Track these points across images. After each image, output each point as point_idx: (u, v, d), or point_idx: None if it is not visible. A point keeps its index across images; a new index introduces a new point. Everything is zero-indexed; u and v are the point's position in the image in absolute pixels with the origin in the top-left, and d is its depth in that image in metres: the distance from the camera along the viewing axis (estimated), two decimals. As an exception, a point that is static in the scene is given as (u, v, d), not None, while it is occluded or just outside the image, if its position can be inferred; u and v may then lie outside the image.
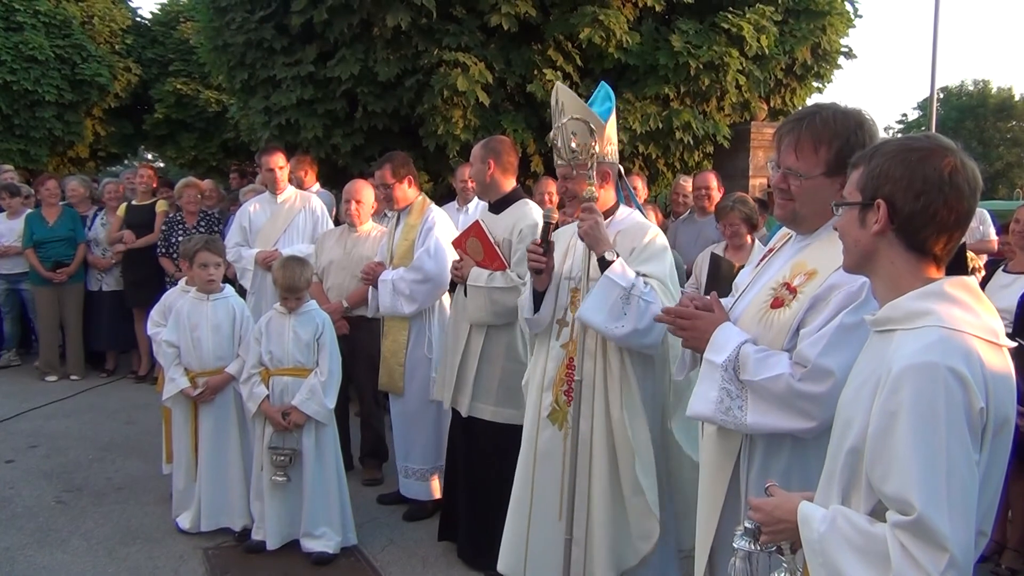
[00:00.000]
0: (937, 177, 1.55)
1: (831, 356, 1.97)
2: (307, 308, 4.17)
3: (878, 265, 1.64)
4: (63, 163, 16.94)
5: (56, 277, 7.65)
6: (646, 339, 2.89)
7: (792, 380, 2.01)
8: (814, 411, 2.00)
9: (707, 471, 2.35)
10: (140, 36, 17.38)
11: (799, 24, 7.90)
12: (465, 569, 4.01)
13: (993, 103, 35.03)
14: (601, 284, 2.93)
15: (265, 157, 5.84)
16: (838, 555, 1.51)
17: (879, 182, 1.59)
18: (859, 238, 1.65)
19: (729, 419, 2.11)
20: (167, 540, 4.28)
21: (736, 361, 2.11)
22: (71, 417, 6.57)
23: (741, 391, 2.10)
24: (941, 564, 1.38)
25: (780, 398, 2.03)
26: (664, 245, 3.10)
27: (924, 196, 1.55)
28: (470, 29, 7.05)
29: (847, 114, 2.15)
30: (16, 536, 4.30)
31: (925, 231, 1.57)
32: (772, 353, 2.09)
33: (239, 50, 7.69)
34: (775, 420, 2.06)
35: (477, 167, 4.07)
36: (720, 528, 2.26)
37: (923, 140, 1.63)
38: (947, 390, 1.43)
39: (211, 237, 4.92)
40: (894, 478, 1.44)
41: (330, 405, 4.07)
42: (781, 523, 1.67)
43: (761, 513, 1.71)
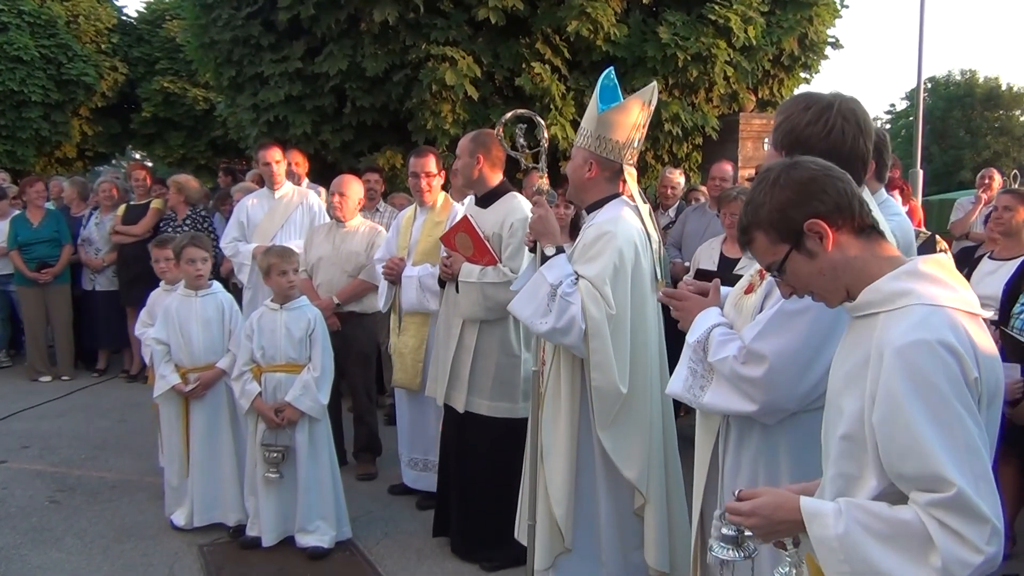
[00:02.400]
0: (811, 176, 1.63)
1: (765, 341, 2.02)
2: (298, 304, 4.16)
3: (849, 271, 1.64)
4: (50, 163, 16.86)
5: (40, 278, 7.63)
6: (565, 338, 2.90)
7: (735, 363, 2.06)
8: (754, 394, 2.04)
9: (698, 455, 2.39)
10: (126, 35, 17.30)
11: (786, 15, 7.92)
12: (459, 563, 4.03)
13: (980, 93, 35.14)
14: (534, 278, 2.99)
15: (262, 152, 5.84)
16: (863, 548, 1.47)
17: (786, 217, 1.64)
18: (821, 268, 1.65)
19: (690, 396, 2.18)
20: (161, 537, 4.29)
21: (706, 343, 2.16)
22: (64, 417, 6.55)
23: (707, 372, 2.15)
24: (986, 535, 1.38)
25: (728, 379, 2.09)
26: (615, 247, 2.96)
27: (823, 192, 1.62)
28: (458, 23, 7.04)
29: (808, 97, 2.16)
30: (10, 536, 4.30)
31: (853, 211, 1.62)
32: (732, 336, 2.13)
33: (226, 47, 7.67)
34: (724, 401, 2.11)
35: (465, 160, 4.07)
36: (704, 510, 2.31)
37: (770, 171, 1.69)
38: (944, 364, 1.45)
39: (196, 233, 4.92)
40: (914, 458, 1.43)
41: (323, 401, 4.07)
42: (783, 524, 1.63)
43: (756, 518, 1.64)
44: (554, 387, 3.09)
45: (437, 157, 4.90)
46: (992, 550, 1.39)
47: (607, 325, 2.89)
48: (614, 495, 3.07)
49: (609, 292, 2.91)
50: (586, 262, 2.98)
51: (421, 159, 4.80)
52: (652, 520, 3.03)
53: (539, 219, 3.05)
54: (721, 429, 2.23)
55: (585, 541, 3.12)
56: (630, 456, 2.99)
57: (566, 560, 3.12)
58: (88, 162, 18.76)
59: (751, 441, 2.16)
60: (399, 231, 4.90)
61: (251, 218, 5.83)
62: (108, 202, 7.95)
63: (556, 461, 3.05)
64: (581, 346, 2.90)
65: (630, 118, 3.06)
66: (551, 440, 3.07)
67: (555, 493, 3.05)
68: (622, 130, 3.05)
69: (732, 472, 2.19)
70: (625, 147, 3.07)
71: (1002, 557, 1.44)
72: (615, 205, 3.14)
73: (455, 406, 4.02)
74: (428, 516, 4.49)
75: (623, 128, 3.05)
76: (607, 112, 3.03)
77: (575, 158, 3.14)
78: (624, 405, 2.97)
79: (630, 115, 3.06)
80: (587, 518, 3.11)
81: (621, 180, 3.16)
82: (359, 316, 5.18)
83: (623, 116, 3.05)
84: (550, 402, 3.09)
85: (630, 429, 3.00)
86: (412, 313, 4.69)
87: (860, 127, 2.06)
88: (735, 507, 1.68)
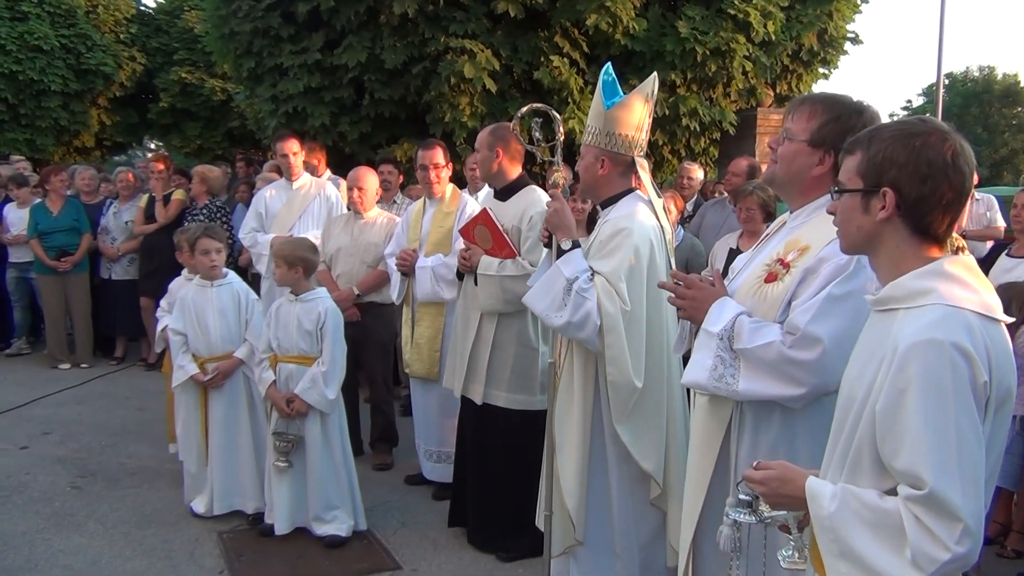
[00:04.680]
0: (941, 161, 1.58)
1: (820, 324, 2.03)
2: (312, 296, 4.14)
3: (882, 249, 1.67)
4: (69, 152, 17.01)
5: (60, 266, 7.70)
6: (580, 333, 2.91)
7: (783, 347, 2.06)
8: (804, 377, 2.05)
9: (696, 443, 2.40)
10: (144, 25, 17.44)
11: (805, 10, 7.89)
12: (475, 553, 4.05)
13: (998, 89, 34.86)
14: (549, 272, 2.99)
15: (279, 143, 5.88)
16: (850, 531, 1.54)
17: (882, 168, 1.62)
18: (862, 224, 1.67)
19: (722, 386, 2.17)
20: (181, 524, 4.34)
21: (731, 331, 2.17)
22: (83, 404, 6.62)
23: (734, 360, 2.16)
24: (955, 534, 1.42)
25: (771, 365, 2.09)
26: (630, 244, 2.96)
27: (930, 180, 1.58)
28: (477, 16, 7.05)
29: (854, 101, 2.22)
30: (33, 520, 4.36)
31: (931, 214, 1.61)
32: (765, 324, 2.15)
33: (246, 38, 7.70)
34: (765, 386, 2.11)
35: (484, 154, 4.08)
36: (708, 500, 2.32)
37: (920, 124, 1.65)
38: (953, 366, 1.47)
39: (210, 224, 4.94)
40: (904, 453, 1.48)
41: (330, 395, 4.03)
42: (787, 499, 1.70)
43: (765, 487, 1.73)
44: (567, 380, 3.11)
45: (444, 149, 4.92)
46: (962, 550, 1.43)
47: (622, 321, 2.91)
48: (628, 488, 3.08)
49: (624, 288, 2.92)
50: (601, 258, 2.99)
51: (428, 151, 4.83)
52: (676, 509, 3.05)
53: (555, 212, 3.06)
54: (734, 418, 2.24)
55: (599, 533, 3.14)
56: (647, 448, 3.01)
57: (582, 551, 3.14)
58: (106, 151, 18.92)
59: (770, 429, 2.18)
60: (409, 224, 4.94)
61: (269, 209, 5.88)
62: (126, 192, 8.01)
63: (569, 454, 3.08)
64: (596, 341, 2.92)
65: (636, 111, 3.08)
66: (564, 433, 3.09)
67: (567, 485, 3.07)
68: (630, 123, 3.07)
69: (748, 460, 2.18)
70: (635, 140, 3.09)
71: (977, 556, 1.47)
72: (629, 201, 3.15)
73: (473, 398, 4.04)
74: (444, 506, 4.52)
75: (631, 121, 3.07)
76: (613, 108, 3.05)
77: (585, 156, 3.16)
78: (640, 399, 2.99)
79: (636, 108, 3.08)
80: (600, 510, 3.13)
81: (633, 173, 3.18)
82: (378, 306, 5.21)
83: (630, 110, 3.07)
84: (563, 395, 3.11)
85: (647, 422, 3.01)
86: (427, 304, 4.72)
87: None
88: (749, 474, 1.77)
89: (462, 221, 4.69)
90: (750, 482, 1.76)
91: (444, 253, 4.64)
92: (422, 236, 4.78)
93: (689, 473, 2.40)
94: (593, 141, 3.12)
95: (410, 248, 4.79)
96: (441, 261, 4.61)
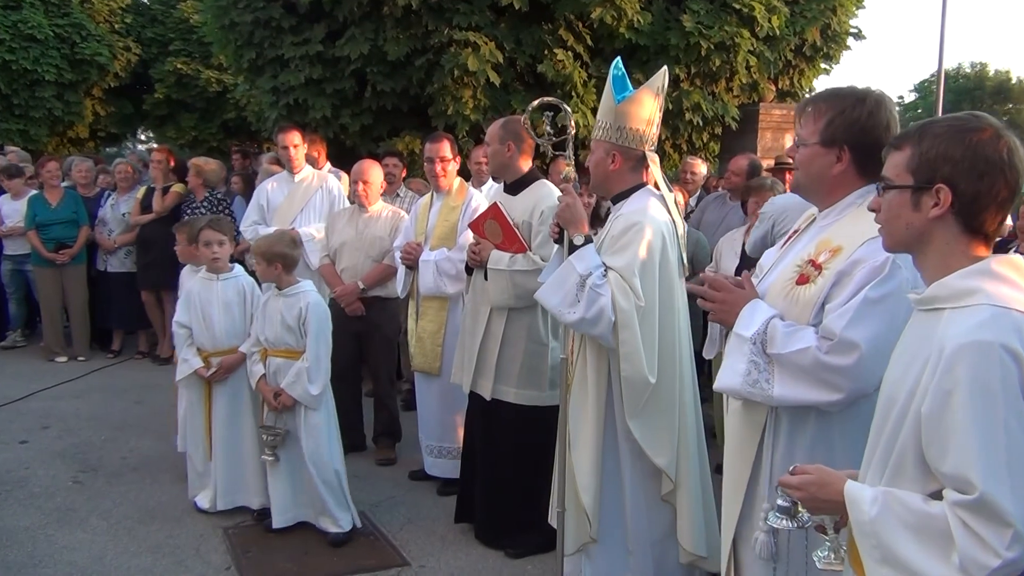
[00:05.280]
0: (998, 157, 1.55)
1: (856, 329, 2.00)
2: (294, 290, 4.02)
3: (930, 247, 1.63)
4: (62, 143, 16.88)
5: (58, 258, 7.63)
6: (594, 329, 2.88)
7: (819, 353, 2.03)
8: (841, 383, 2.03)
9: (731, 448, 2.37)
10: (139, 15, 17.31)
11: (809, 4, 7.87)
12: (483, 549, 4.03)
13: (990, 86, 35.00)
14: (562, 267, 2.96)
15: (281, 135, 5.83)
16: (892, 536, 1.51)
17: (936, 164, 1.58)
18: (912, 221, 1.63)
19: (756, 391, 2.14)
20: (186, 519, 4.30)
21: (764, 335, 2.13)
22: (81, 398, 6.56)
23: (768, 364, 2.13)
24: (1006, 539, 1.39)
25: (807, 371, 2.05)
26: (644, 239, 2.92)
27: (987, 177, 1.55)
28: (480, 8, 7.00)
29: (853, 91, 2.20)
30: (35, 516, 4.31)
31: (985, 212, 1.57)
32: (799, 327, 2.11)
33: (247, 29, 7.63)
34: (802, 392, 2.08)
35: (495, 148, 4.04)
36: (746, 504, 2.29)
37: (973, 120, 1.62)
38: (1002, 367, 1.44)
39: (215, 216, 4.88)
40: (952, 457, 1.45)
41: (313, 391, 3.91)
42: (825, 503, 1.68)
43: (802, 492, 1.70)
44: (581, 376, 3.08)
45: (452, 142, 4.89)
46: (1012, 555, 1.40)
47: (636, 316, 2.88)
48: (641, 484, 3.06)
49: (638, 284, 2.89)
50: (614, 253, 2.96)
51: (436, 144, 4.79)
52: (686, 504, 3.03)
53: (567, 207, 3.02)
54: (769, 422, 2.21)
55: (613, 530, 3.11)
56: (659, 444, 2.99)
57: (595, 548, 3.12)
58: (100, 142, 18.78)
59: (805, 432, 2.15)
60: (417, 217, 4.91)
61: (271, 201, 5.83)
62: (124, 183, 7.94)
63: (583, 450, 3.05)
64: (610, 337, 2.89)
65: (647, 105, 3.06)
66: (578, 429, 3.07)
67: (582, 481, 3.04)
68: (640, 118, 3.05)
69: (784, 465, 2.16)
70: (645, 134, 3.07)
71: None
72: (641, 195, 3.13)
73: (482, 393, 4.01)
74: (450, 502, 4.50)
75: (641, 116, 3.05)
76: (623, 103, 3.03)
77: (596, 151, 3.13)
78: (653, 394, 2.97)
79: (646, 102, 3.06)
80: (614, 507, 3.11)
81: (644, 168, 3.16)
82: (383, 300, 5.18)
83: (640, 104, 3.05)
84: (577, 391, 3.09)
85: (659, 417, 2.99)
86: (430, 298, 4.69)
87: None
88: (786, 480, 1.75)
89: (467, 215, 4.66)
90: (787, 488, 1.74)
91: (449, 247, 4.60)
92: (428, 230, 4.74)
93: (726, 478, 2.36)
94: (603, 136, 3.09)
95: (415, 242, 4.76)
96: (444, 255, 4.58)
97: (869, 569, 1.56)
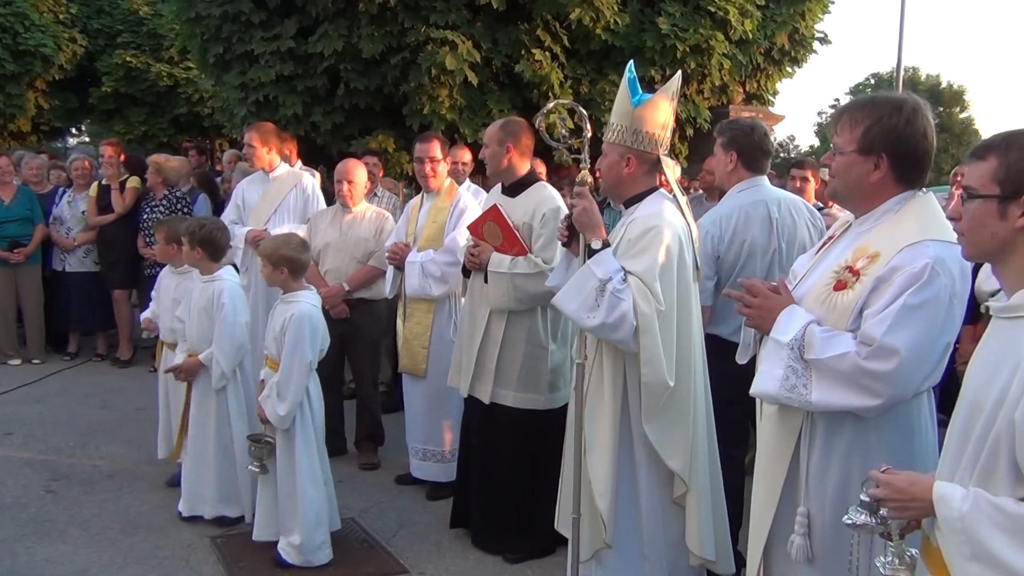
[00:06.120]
0: None
1: (896, 335, 2.01)
2: (291, 298, 3.84)
3: (1014, 256, 1.66)
4: (2, 137, 16.25)
5: (12, 258, 7.33)
6: (615, 334, 2.87)
7: (858, 359, 2.04)
8: (880, 389, 2.04)
9: (766, 452, 2.37)
10: (85, 5, 16.73)
11: (779, 9, 7.99)
12: (481, 554, 3.98)
13: (922, 90, 36.22)
14: (580, 272, 2.93)
15: (247, 132, 5.69)
16: (984, 533, 1.53)
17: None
18: (998, 231, 1.66)
19: (794, 396, 2.14)
20: (170, 529, 4.15)
21: (802, 341, 2.14)
22: (42, 402, 6.32)
23: (806, 370, 2.13)
24: None
25: (846, 376, 2.06)
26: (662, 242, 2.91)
27: None
28: (457, 7, 6.93)
29: (890, 98, 2.23)
30: (10, 527, 4.11)
31: None
32: (837, 333, 2.12)
33: (214, 23, 7.42)
34: (840, 397, 2.09)
35: (494, 149, 3.99)
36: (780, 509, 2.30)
37: None
38: None
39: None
40: None
41: (279, 411, 3.71)
42: (914, 501, 1.69)
43: (891, 489, 1.72)
44: (597, 381, 3.05)
45: (442, 142, 4.83)
46: None
47: (657, 321, 2.87)
48: (656, 489, 3.05)
49: (658, 288, 2.88)
50: (632, 257, 2.94)
51: (426, 144, 4.71)
52: (695, 507, 3.03)
53: (583, 211, 2.98)
54: (805, 427, 2.22)
55: (627, 536, 3.10)
56: (674, 447, 2.98)
57: (609, 554, 3.10)
58: (43, 137, 18.13)
59: (842, 437, 2.16)
60: (407, 218, 4.85)
61: (247, 200, 5.67)
62: (82, 180, 7.68)
63: (599, 456, 3.03)
64: (630, 342, 2.87)
65: (662, 109, 3.05)
66: (594, 434, 3.04)
67: (599, 487, 3.02)
68: (655, 122, 3.04)
69: (820, 469, 2.19)
70: (660, 138, 3.06)
71: None
72: (655, 199, 3.11)
73: (480, 397, 3.97)
74: (440, 507, 4.45)
75: (656, 120, 3.04)
76: (640, 107, 3.02)
77: (609, 154, 3.10)
78: (669, 398, 2.96)
79: (662, 107, 3.05)
80: (628, 513, 3.10)
81: (658, 172, 3.15)
82: (368, 303, 5.09)
83: (656, 108, 3.04)
84: (593, 396, 3.06)
85: (674, 421, 2.99)
86: (417, 300, 4.63)
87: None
88: (875, 476, 1.77)
89: (455, 216, 4.62)
90: (876, 483, 1.75)
91: (436, 248, 4.55)
92: (417, 230, 4.68)
93: (758, 482, 2.37)
94: (618, 139, 3.06)
95: (403, 242, 4.69)
96: (430, 257, 4.52)
97: (956, 567, 1.57)
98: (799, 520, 2.23)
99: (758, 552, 2.36)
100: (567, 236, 3.19)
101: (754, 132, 3.73)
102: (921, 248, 2.05)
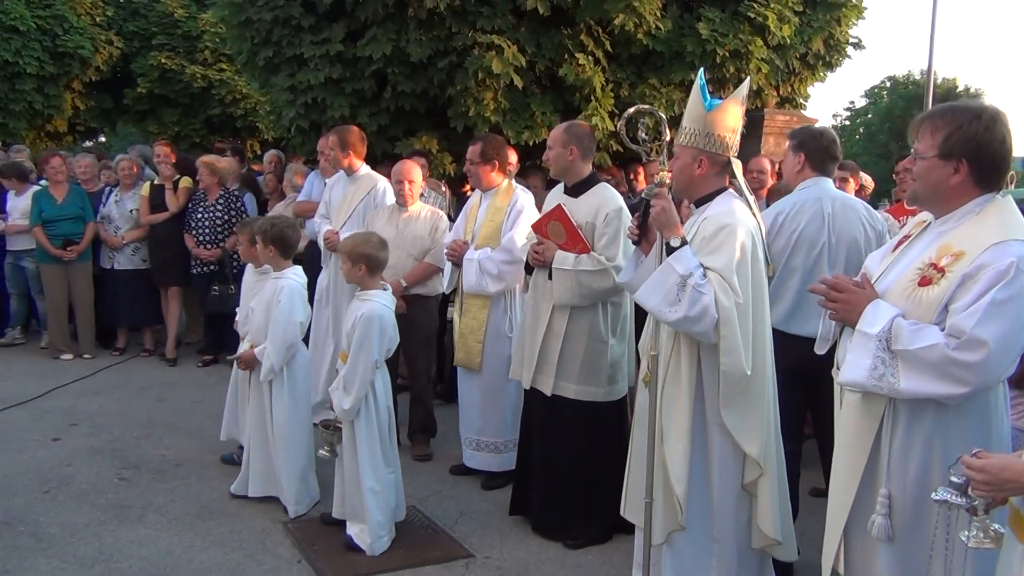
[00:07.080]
0: None
1: (985, 328, 2.15)
2: (365, 296, 4.02)
3: None
4: (40, 137, 16.54)
5: (66, 255, 7.55)
6: (696, 327, 3.01)
7: (947, 350, 2.18)
8: (968, 378, 2.18)
9: (846, 438, 2.51)
10: (121, 8, 16.99)
11: (816, 14, 8.10)
12: (542, 540, 4.12)
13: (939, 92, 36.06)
14: (661, 268, 3.06)
15: (330, 136, 5.96)
16: None
17: None
18: None
19: (883, 384, 2.28)
20: (243, 515, 4.32)
21: (889, 332, 2.28)
22: (100, 395, 6.52)
23: (893, 360, 2.28)
24: None
25: (935, 365, 2.20)
26: (737, 238, 3.04)
27: None
28: (502, 12, 7.09)
29: (969, 106, 2.37)
30: (91, 512, 4.30)
31: None
32: (924, 326, 2.26)
33: (265, 27, 7.63)
34: (928, 385, 2.23)
35: (558, 151, 4.15)
36: (860, 493, 2.43)
37: None
38: None
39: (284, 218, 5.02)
40: None
41: (344, 405, 3.89)
42: (1009, 483, 1.81)
43: (985, 473, 1.84)
44: (674, 372, 3.19)
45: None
46: None
47: (736, 313, 3.02)
48: (729, 473, 3.19)
49: (736, 282, 3.02)
50: (710, 254, 3.09)
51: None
52: (768, 490, 3.16)
53: (662, 211, 3.13)
54: (887, 414, 2.36)
55: (698, 519, 3.24)
56: (751, 433, 3.12)
57: (679, 537, 3.24)
58: (78, 136, 18.44)
59: (924, 423, 2.30)
60: (466, 216, 5.02)
61: (333, 199, 5.87)
62: (128, 180, 7.89)
63: (676, 442, 3.16)
64: (711, 333, 3.01)
65: (732, 114, 3.19)
66: (671, 422, 3.18)
67: (675, 471, 3.15)
68: (726, 126, 3.18)
69: (902, 453, 2.32)
70: (730, 141, 3.21)
71: None
72: (725, 198, 3.25)
73: (543, 389, 4.12)
74: (497, 495, 4.60)
75: (727, 124, 3.18)
76: (713, 111, 3.16)
77: (682, 157, 3.24)
78: (746, 386, 3.11)
79: (732, 111, 3.19)
80: (699, 497, 3.24)
81: (728, 173, 3.30)
82: (424, 299, 5.26)
83: (727, 112, 3.18)
84: (669, 386, 3.20)
85: (751, 408, 3.12)
86: (473, 296, 4.80)
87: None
88: (968, 460, 1.88)
89: (512, 216, 4.77)
90: (969, 468, 1.87)
91: (493, 246, 4.71)
92: (475, 229, 4.85)
93: (837, 466, 2.50)
94: (690, 142, 3.21)
95: (462, 240, 4.86)
96: (487, 255, 4.69)
97: None
98: (880, 501, 2.37)
99: (838, 531, 2.51)
100: (637, 235, 3.34)
101: (822, 136, 3.97)
102: (1005, 247, 2.19)
